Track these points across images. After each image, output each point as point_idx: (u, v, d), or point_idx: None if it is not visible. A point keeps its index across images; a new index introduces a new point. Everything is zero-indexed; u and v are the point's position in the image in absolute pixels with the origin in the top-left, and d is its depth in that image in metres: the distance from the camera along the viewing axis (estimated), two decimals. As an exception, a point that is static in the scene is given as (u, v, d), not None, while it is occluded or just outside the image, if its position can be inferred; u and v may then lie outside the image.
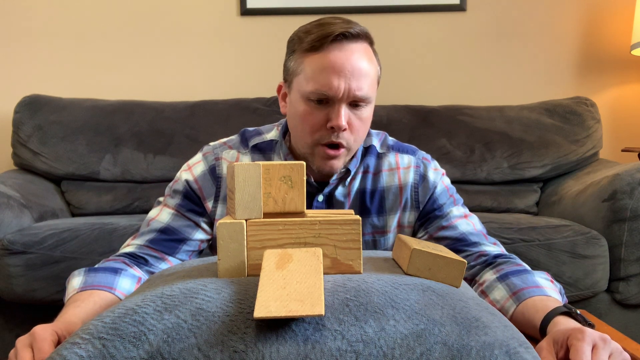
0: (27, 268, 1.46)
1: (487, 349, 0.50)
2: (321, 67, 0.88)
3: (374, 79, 0.93)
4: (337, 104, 0.89)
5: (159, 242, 0.96)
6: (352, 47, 0.89)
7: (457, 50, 2.28)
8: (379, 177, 1.00)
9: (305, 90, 0.90)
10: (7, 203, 1.58)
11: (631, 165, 1.57)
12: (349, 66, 0.87)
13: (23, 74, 2.24)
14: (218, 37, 2.26)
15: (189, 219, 0.99)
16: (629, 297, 1.51)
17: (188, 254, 0.99)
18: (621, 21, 2.26)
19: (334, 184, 0.98)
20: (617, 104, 2.28)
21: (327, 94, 0.88)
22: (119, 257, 0.95)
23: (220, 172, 0.99)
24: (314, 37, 0.89)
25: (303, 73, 0.90)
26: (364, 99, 0.90)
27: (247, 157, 1.00)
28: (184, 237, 0.98)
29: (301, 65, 0.91)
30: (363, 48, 0.91)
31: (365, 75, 0.90)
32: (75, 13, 2.24)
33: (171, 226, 0.97)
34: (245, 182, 0.62)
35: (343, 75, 0.87)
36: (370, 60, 0.92)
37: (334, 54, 0.88)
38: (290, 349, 0.49)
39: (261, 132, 1.03)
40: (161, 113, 2.02)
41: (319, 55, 0.88)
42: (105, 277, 0.87)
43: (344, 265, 0.62)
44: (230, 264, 0.61)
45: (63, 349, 0.51)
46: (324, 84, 0.87)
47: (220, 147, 1.02)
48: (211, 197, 0.98)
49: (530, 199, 1.97)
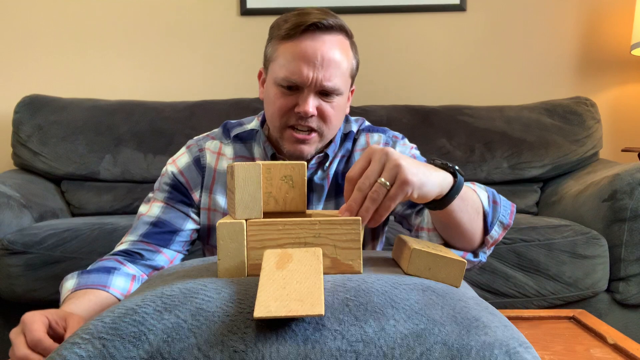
0: (27, 268, 1.46)
1: (487, 348, 0.50)
2: (292, 55, 0.90)
3: (345, 71, 0.94)
4: (306, 92, 0.91)
5: (152, 236, 0.98)
6: (324, 37, 0.91)
7: (457, 50, 2.28)
8: (352, 158, 1.02)
9: (277, 76, 0.92)
10: (7, 203, 1.58)
11: (631, 165, 1.57)
12: (319, 56, 0.89)
13: (23, 74, 2.24)
14: (218, 37, 2.26)
15: (179, 210, 1.01)
16: (629, 297, 1.51)
17: (181, 244, 1.01)
18: (621, 21, 2.26)
19: (313, 169, 1.00)
20: (617, 104, 2.28)
21: (296, 82, 0.90)
22: (112, 256, 0.96)
23: (205, 162, 1.01)
24: (289, 25, 0.91)
25: (277, 60, 0.93)
26: (332, 90, 0.92)
27: (229, 147, 1.03)
28: (176, 229, 0.99)
29: (276, 52, 0.94)
30: (337, 40, 0.92)
31: (336, 66, 0.91)
32: (75, 13, 2.24)
33: (162, 219, 0.99)
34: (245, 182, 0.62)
35: (312, 65, 0.89)
36: (343, 52, 0.93)
37: (305, 43, 0.90)
38: (290, 349, 0.49)
39: (242, 123, 1.07)
40: (161, 113, 2.02)
41: (291, 44, 0.91)
42: (98, 277, 0.88)
43: (344, 265, 0.62)
44: (230, 264, 0.61)
45: (63, 349, 0.51)
46: (293, 72, 0.90)
47: (204, 139, 1.05)
48: (198, 187, 1.01)
49: (530, 199, 1.97)
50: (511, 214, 0.87)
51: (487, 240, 0.85)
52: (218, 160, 1.02)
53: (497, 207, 0.85)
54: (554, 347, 0.83)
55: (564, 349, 0.82)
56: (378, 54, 2.27)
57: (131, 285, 0.90)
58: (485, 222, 0.83)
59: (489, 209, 0.83)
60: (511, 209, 0.88)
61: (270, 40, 0.96)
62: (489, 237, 0.85)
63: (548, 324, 0.95)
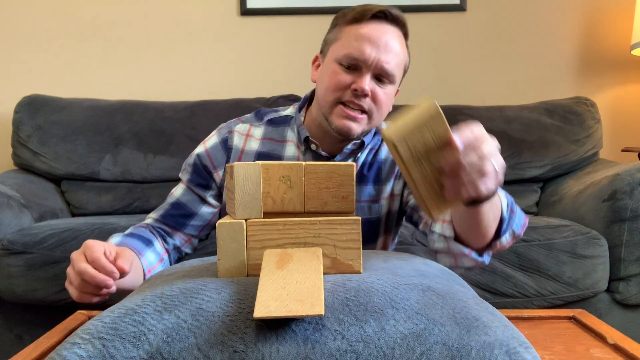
0: (27, 268, 1.46)
1: (487, 348, 0.50)
2: (357, 35, 0.95)
3: (401, 62, 0.99)
4: (364, 71, 0.94)
5: (169, 217, 1.05)
6: (388, 27, 0.96)
7: (457, 50, 2.28)
8: (380, 151, 1.06)
9: (338, 54, 0.96)
10: (7, 203, 1.58)
11: (631, 165, 1.57)
12: (383, 40, 0.94)
13: (23, 74, 2.24)
14: (218, 37, 2.26)
15: (195, 193, 1.05)
16: (629, 297, 1.51)
17: (196, 228, 1.05)
18: (621, 21, 2.26)
19: (345, 154, 1.03)
20: (617, 104, 2.28)
21: (358, 59, 0.94)
22: (148, 225, 1.05)
23: (232, 143, 1.05)
24: (356, 11, 0.97)
25: (340, 41, 0.97)
26: (389, 74, 0.95)
27: (259, 129, 1.06)
28: (191, 212, 1.04)
29: (340, 34, 0.98)
30: (398, 34, 0.98)
31: (395, 54, 0.96)
32: (75, 13, 2.24)
33: (180, 201, 1.05)
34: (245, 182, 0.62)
35: (376, 46, 0.94)
36: (402, 46, 0.98)
37: (371, 26, 0.95)
38: (290, 349, 0.49)
39: (277, 110, 1.11)
40: (161, 113, 2.02)
41: (358, 26, 0.96)
42: (138, 244, 0.97)
43: (344, 265, 0.62)
44: (230, 264, 0.61)
45: (63, 349, 0.51)
46: (356, 49, 0.94)
47: (235, 122, 1.09)
48: (222, 167, 1.04)
49: (530, 199, 1.97)
50: (523, 226, 0.89)
51: (494, 245, 0.85)
52: (246, 141, 1.05)
53: (513, 216, 0.86)
54: (554, 347, 0.82)
55: (564, 349, 0.82)
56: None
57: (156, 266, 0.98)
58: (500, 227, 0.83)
59: (506, 216, 0.83)
60: (524, 220, 0.89)
61: (334, 27, 1.01)
62: (498, 242, 0.85)
63: (548, 324, 0.94)
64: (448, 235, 0.86)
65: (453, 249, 0.86)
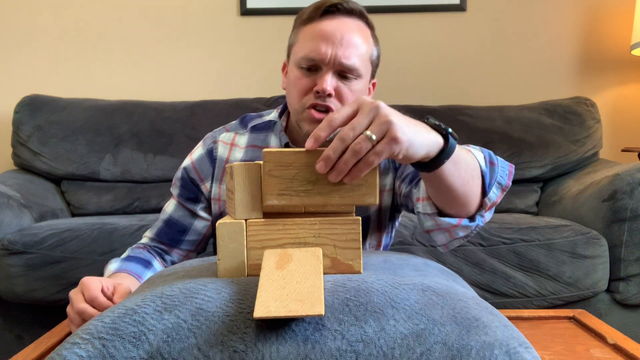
0: (27, 268, 1.46)
1: (487, 348, 0.50)
2: (312, 35, 0.93)
3: (365, 55, 0.95)
4: (324, 70, 0.92)
5: (164, 235, 1.05)
6: (344, 19, 0.93)
7: (457, 50, 2.28)
8: None
9: (297, 58, 0.94)
10: (7, 203, 1.58)
11: (631, 165, 1.57)
12: (338, 34, 0.91)
13: (23, 74, 2.24)
14: (218, 37, 2.26)
15: (186, 208, 1.05)
16: (629, 297, 1.51)
17: (192, 243, 1.05)
18: (621, 21, 2.25)
19: None
20: (617, 104, 2.28)
21: (314, 59, 0.91)
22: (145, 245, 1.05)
23: (216, 153, 1.04)
24: (310, 9, 0.95)
25: (297, 43, 0.96)
26: (351, 69, 0.92)
27: (244, 136, 1.05)
28: (184, 228, 1.04)
29: (297, 36, 0.96)
30: (356, 24, 0.94)
31: (355, 47, 0.92)
32: (75, 13, 2.24)
33: (173, 217, 1.05)
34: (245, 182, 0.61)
35: (331, 43, 0.91)
36: (362, 37, 0.94)
37: (325, 23, 0.92)
38: (290, 349, 0.49)
39: (262, 115, 1.09)
40: (161, 113, 2.02)
41: (312, 25, 0.94)
42: (136, 267, 0.97)
43: (344, 265, 0.62)
44: (230, 264, 0.61)
45: (63, 349, 0.51)
46: (312, 50, 0.91)
47: (219, 131, 1.07)
48: (208, 178, 1.03)
49: (530, 199, 1.97)
50: (509, 175, 0.82)
51: (484, 203, 0.80)
52: (231, 150, 1.04)
53: (494, 168, 0.80)
54: (554, 347, 0.83)
55: (564, 349, 0.82)
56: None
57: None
58: (484, 183, 0.78)
59: (486, 170, 0.78)
60: (509, 169, 0.83)
61: (293, 29, 0.99)
62: (487, 199, 0.79)
63: (548, 324, 0.95)
64: (430, 212, 0.82)
65: (441, 224, 0.81)
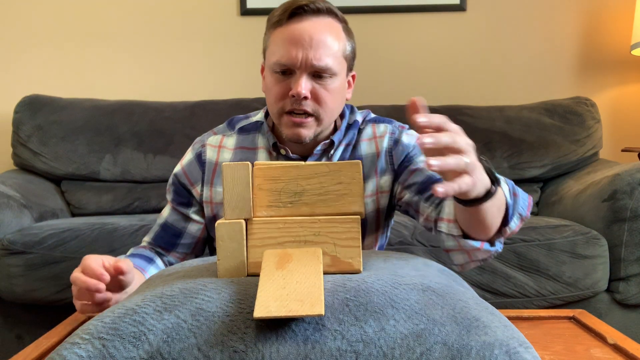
0: (27, 268, 1.46)
1: (487, 348, 0.50)
2: (282, 39, 0.93)
3: (338, 52, 0.94)
4: (298, 73, 0.92)
5: (160, 239, 1.06)
6: (312, 19, 0.93)
7: (457, 50, 2.28)
8: (358, 147, 1.03)
9: (271, 63, 0.95)
10: (7, 203, 1.58)
11: (631, 165, 1.57)
12: (307, 37, 0.91)
13: (23, 74, 2.24)
14: (218, 37, 2.26)
15: (180, 212, 1.06)
16: (629, 297, 1.51)
17: (188, 246, 1.06)
18: (621, 21, 2.25)
19: (317, 155, 1.01)
20: (617, 104, 2.28)
21: (286, 64, 0.92)
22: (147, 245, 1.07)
23: (205, 157, 1.04)
24: (278, 12, 0.94)
25: (270, 48, 0.96)
26: (324, 69, 0.92)
27: (231, 138, 1.05)
28: (179, 231, 1.05)
29: (269, 40, 0.97)
30: (326, 22, 0.94)
31: (325, 46, 0.92)
32: (75, 13, 2.24)
33: (168, 222, 1.06)
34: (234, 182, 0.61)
35: (301, 46, 0.91)
36: (333, 34, 0.94)
37: (293, 26, 0.92)
38: (290, 349, 0.49)
39: (249, 116, 1.09)
40: (161, 113, 2.02)
41: (281, 29, 0.93)
42: (141, 262, 0.99)
43: (344, 263, 0.62)
44: (230, 264, 0.61)
45: (63, 349, 0.51)
46: (283, 55, 0.92)
47: (207, 135, 1.08)
48: (199, 182, 1.04)
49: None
50: (529, 207, 0.87)
51: (504, 231, 0.84)
52: (219, 153, 1.04)
53: (517, 200, 0.85)
54: (554, 347, 0.83)
55: (564, 349, 0.82)
56: (378, 54, 2.26)
57: None
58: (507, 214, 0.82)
59: (510, 202, 0.82)
60: (529, 201, 0.87)
61: (266, 32, 0.99)
62: (508, 228, 0.84)
63: (548, 324, 0.95)
64: (456, 235, 0.85)
65: (464, 245, 0.85)
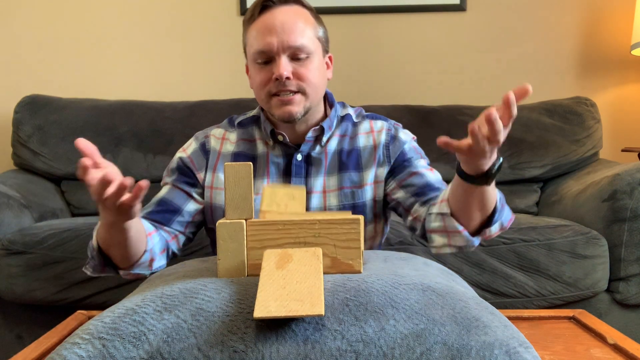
0: (27, 268, 1.46)
1: (487, 348, 0.50)
2: (257, 32, 1.01)
3: (310, 33, 1.03)
4: (277, 58, 1.00)
5: (155, 213, 1.07)
6: (281, 9, 1.02)
7: (457, 50, 2.28)
8: (356, 139, 1.11)
9: (251, 55, 1.03)
10: (7, 203, 1.58)
11: (631, 165, 1.57)
12: (279, 23, 1.00)
13: (23, 74, 2.24)
14: (218, 37, 2.26)
15: (182, 190, 1.09)
16: (629, 297, 1.51)
17: (182, 225, 1.08)
18: (621, 21, 2.25)
19: (310, 142, 1.08)
20: (617, 104, 2.28)
21: (264, 50, 1.00)
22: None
23: (209, 146, 1.11)
24: (250, 9, 1.04)
25: (248, 43, 1.05)
26: (300, 49, 1.00)
27: (233, 133, 1.13)
28: (176, 208, 1.07)
29: (246, 37, 1.06)
30: (293, 10, 1.03)
31: (298, 29, 1.00)
32: (75, 13, 2.24)
33: (165, 198, 1.08)
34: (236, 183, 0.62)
35: (274, 33, 0.99)
36: (302, 19, 1.02)
37: (264, 18, 1.01)
38: (290, 349, 0.49)
39: (246, 113, 1.16)
40: (161, 113, 2.02)
41: (255, 23, 1.02)
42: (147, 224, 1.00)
43: (344, 264, 0.62)
44: (230, 264, 0.61)
45: (63, 349, 0.51)
46: (260, 44, 1.00)
47: (210, 128, 1.15)
48: (203, 168, 1.10)
49: (530, 199, 1.97)
50: (510, 220, 0.96)
51: (484, 232, 0.92)
52: (222, 143, 1.11)
53: (503, 210, 0.93)
54: (554, 347, 0.83)
55: (564, 349, 0.82)
56: (378, 53, 2.26)
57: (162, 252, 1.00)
58: (492, 215, 0.90)
59: (499, 207, 0.91)
60: (511, 216, 0.96)
61: (243, 32, 1.07)
62: (488, 230, 0.92)
63: (548, 324, 0.95)
64: (445, 212, 0.91)
65: (448, 225, 0.92)
